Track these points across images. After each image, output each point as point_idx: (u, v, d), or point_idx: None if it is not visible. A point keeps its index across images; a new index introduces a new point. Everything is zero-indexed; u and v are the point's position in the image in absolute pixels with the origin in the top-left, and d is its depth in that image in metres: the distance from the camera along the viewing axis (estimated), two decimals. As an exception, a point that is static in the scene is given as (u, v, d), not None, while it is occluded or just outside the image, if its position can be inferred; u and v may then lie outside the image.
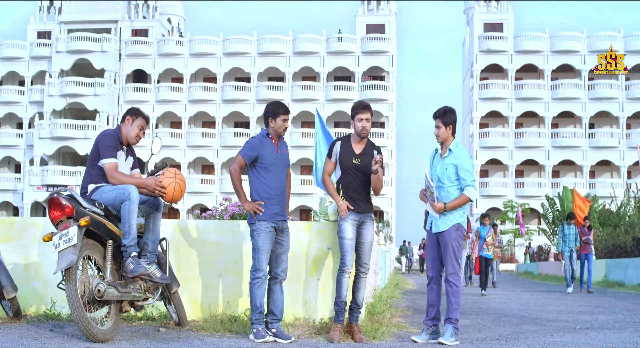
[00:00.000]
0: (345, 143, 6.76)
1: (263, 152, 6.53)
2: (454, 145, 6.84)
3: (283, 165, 6.65)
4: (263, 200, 6.49)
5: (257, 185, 6.55)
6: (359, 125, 6.72)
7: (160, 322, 7.00)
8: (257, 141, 6.58)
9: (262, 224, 6.47)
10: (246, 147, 6.58)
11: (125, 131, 6.27)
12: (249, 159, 6.53)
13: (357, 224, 6.68)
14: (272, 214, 6.50)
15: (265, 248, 6.45)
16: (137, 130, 6.27)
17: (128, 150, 6.36)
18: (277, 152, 6.60)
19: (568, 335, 7.53)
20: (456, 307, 6.72)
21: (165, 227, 7.35)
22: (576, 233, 17.90)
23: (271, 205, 6.50)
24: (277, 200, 6.55)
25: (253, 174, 6.58)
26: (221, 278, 7.45)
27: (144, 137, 6.36)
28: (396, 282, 18.78)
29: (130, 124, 6.27)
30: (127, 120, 6.27)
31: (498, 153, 61.39)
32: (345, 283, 6.67)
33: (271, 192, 6.53)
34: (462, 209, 6.80)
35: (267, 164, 6.53)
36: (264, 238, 6.46)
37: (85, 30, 65.32)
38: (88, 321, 5.52)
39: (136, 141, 6.30)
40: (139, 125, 6.28)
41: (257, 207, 6.45)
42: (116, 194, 5.91)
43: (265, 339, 6.35)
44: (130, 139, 6.28)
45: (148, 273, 6.08)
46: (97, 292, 5.63)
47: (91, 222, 5.64)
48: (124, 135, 6.27)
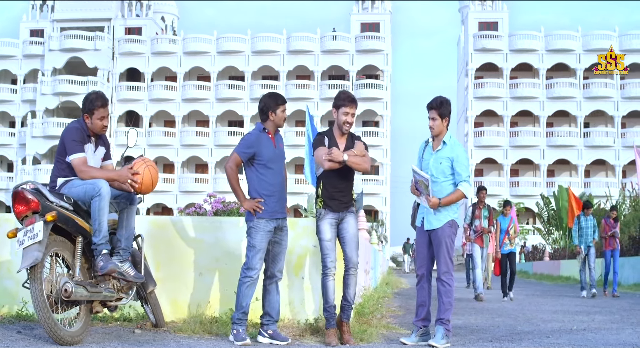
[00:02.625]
0: (331, 139, 6.40)
1: (261, 148, 6.19)
2: (447, 138, 6.51)
3: (281, 161, 6.33)
4: (263, 197, 6.16)
5: (256, 183, 6.21)
6: (342, 119, 6.35)
7: (137, 323, 6.66)
8: (253, 137, 6.24)
9: (262, 222, 6.13)
10: (242, 144, 6.23)
11: (89, 124, 5.90)
12: (245, 156, 6.19)
13: (336, 222, 6.36)
14: (272, 212, 6.17)
15: (262, 247, 6.12)
16: (99, 123, 5.87)
17: (97, 140, 5.99)
18: (274, 147, 6.27)
19: (564, 337, 7.23)
20: (448, 307, 6.40)
21: (142, 223, 7.03)
22: (594, 225, 15.46)
23: (272, 203, 6.18)
24: (278, 197, 6.23)
25: (251, 171, 6.24)
26: (202, 278, 7.12)
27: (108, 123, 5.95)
28: (386, 282, 18.47)
29: (90, 121, 5.88)
30: (86, 118, 5.87)
31: (493, 152, 61.16)
32: (331, 286, 6.34)
33: (271, 188, 6.20)
34: (455, 205, 6.49)
35: (266, 160, 6.19)
36: (262, 237, 6.13)
37: (78, 28, 64.90)
38: (54, 322, 5.18)
39: (104, 131, 5.94)
40: (98, 117, 5.87)
41: (256, 205, 6.11)
42: (86, 189, 5.57)
43: (245, 342, 6.02)
44: (96, 131, 5.91)
45: (121, 272, 5.74)
46: (63, 291, 5.28)
47: (58, 218, 5.30)
48: (89, 127, 5.91)
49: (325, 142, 6.34)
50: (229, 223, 7.16)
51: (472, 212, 13.71)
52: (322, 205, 6.34)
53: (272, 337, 6.15)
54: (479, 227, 13.64)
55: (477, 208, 13.74)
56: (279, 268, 6.30)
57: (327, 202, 6.33)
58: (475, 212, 13.73)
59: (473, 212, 13.73)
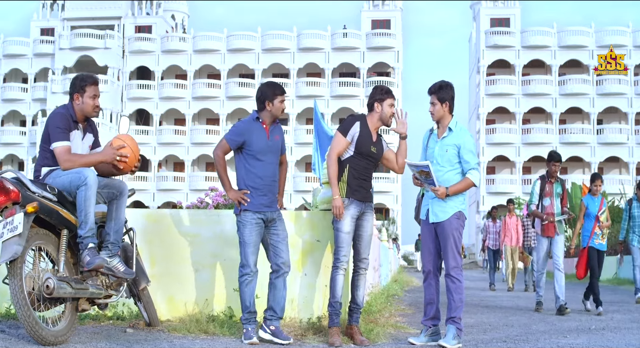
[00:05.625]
0: (364, 126, 6.10)
1: (251, 137, 5.86)
2: (453, 124, 6.13)
3: (275, 153, 5.97)
4: (249, 189, 5.83)
5: (244, 174, 5.89)
6: (389, 111, 6.13)
7: (129, 322, 6.30)
8: (244, 125, 5.93)
9: (248, 215, 5.82)
10: (232, 131, 5.93)
11: (78, 108, 5.53)
12: (234, 143, 5.88)
13: (357, 215, 6.01)
14: (258, 205, 5.83)
15: (251, 241, 5.80)
16: (91, 102, 5.51)
17: (86, 126, 5.63)
18: (267, 138, 5.92)
19: (582, 336, 6.84)
20: (459, 305, 6.02)
21: (136, 217, 6.69)
22: None
23: (257, 196, 5.84)
24: (266, 191, 5.88)
25: (240, 160, 5.92)
26: (199, 274, 6.76)
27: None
28: (395, 279, 18.08)
29: (81, 101, 5.53)
30: (76, 98, 5.52)
31: (505, 149, 60.53)
32: (340, 281, 6.00)
33: (259, 181, 5.86)
34: (462, 195, 6.09)
35: (255, 151, 5.86)
36: (250, 231, 5.80)
37: (89, 27, 64.75)
38: (35, 321, 4.82)
39: (96, 112, 5.56)
40: (90, 95, 5.52)
41: (242, 197, 5.80)
42: (71, 178, 5.21)
43: (251, 340, 5.73)
44: (88, 113, 5.54)
45: (109, 267, 5.38)
46: (45, 288, 4.92)
47: (40, 209, 4.94)
48: (78, 111, 5.53)
49: (357, 127, 6.05)
50: (227, 216, 6.80)
51: (541, 187, 9.97)
52: (346, 193, 6.00)
53: (273, 334, 5.83)
54: (548, 208, 9.84)
55: (548, 182, 9.98)
56: (283, 260, 5.94)
57: (353, 190, 6.01)
58: (545, 187, 9.96)
59: (542, 189, 9.97)
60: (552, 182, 10.00)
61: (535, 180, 10.11)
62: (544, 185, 9.95)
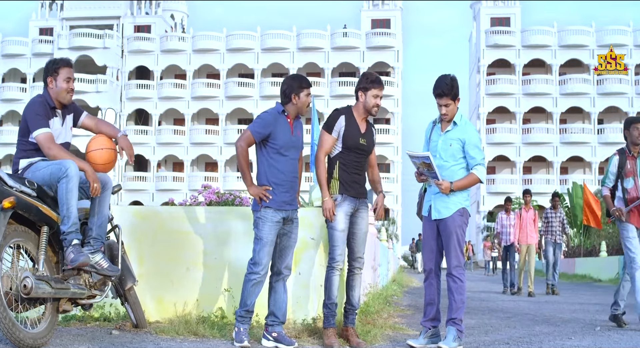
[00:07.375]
0: (349, 118, 5.80)
1: (276, 131, 5.56)
2: (458, 118, 5.83)
3: (297, 149, 5.70)
4: (271, 185, 5.55)
5: (267, 168, 5.59)
6: (372, 102, 5.80)
7: (115, 324, 6.04)
8: (271, 117, 5.60)
9: (269, 212, 5.52)
10: (257, 122, 5.59)
11: (53, 92, 5.29)
12: (259, 136, 5.55)
13: (351, 212, 5.75)
14: (280, 202, 5.55)
15: (269, 240, 5.51)
16: (65, 85, 5.28)
17: (64, 111, 5.39)
18: (291, 133, 5.64)
19: (588, 338, 6.59)
20: (460, 306, 5.75)
21: (125, 214, 6.44)
22: None
23: (280, 192, 5.55)
24: (288, 187, 5.60)
25: (262, 154, 5.62)
26: (189, 273, 6.49)
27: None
28: (394, 279, 17.82)
29: (55, 84, 5.29)
30: (50, 82, 5.28)
31: (505, 149, 60.30)
32: (335, 281, 5.75)
33: (282, 177, 5.57)
34: (466, 192, 5.81)
35: (279, 145, 5.57)
36: (270, 229, 5.51)
37: (88, 26, 64.56)
38: (12, 323, 4.56)
39: (70, 96, 5.32)
40: (63, 78, 5.28)
41: (263, 193, 5.50)
42: (52, 171, 4.96)
43: (242, 344, 5.44)
44: (62, 98, 5.30)
45: (92, 264, 5.12)
46: (23, 287, 4.66)
47: (18, 204, 4.67)
48: (54, 98, 5.29)
49: (342, 121, 5.76)
50: (219, 213, 6.54)
51: (619, 165, 7.57)
52: (339, 190, 5.75)
53: (276, 340, 5.56)
54: (632, 192, 7.48)
55: (630, 157, 7.57)
56: (286, 264, 5.69)
57: (346, 186, 5.74)
58: (627, 164, 7.56)
59: (621, 166, 7.58)
60: (636, 156, 7.58)
61: (611, 156, 7.73)
62: (624, 161, 7.58)
